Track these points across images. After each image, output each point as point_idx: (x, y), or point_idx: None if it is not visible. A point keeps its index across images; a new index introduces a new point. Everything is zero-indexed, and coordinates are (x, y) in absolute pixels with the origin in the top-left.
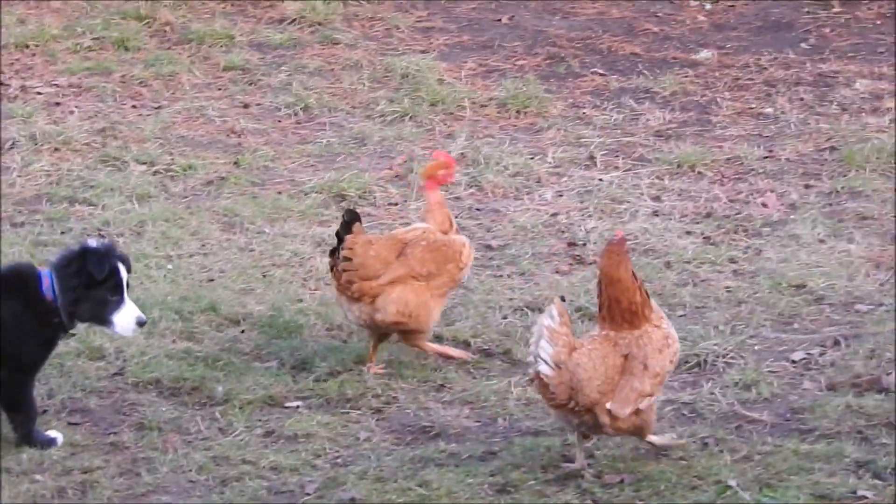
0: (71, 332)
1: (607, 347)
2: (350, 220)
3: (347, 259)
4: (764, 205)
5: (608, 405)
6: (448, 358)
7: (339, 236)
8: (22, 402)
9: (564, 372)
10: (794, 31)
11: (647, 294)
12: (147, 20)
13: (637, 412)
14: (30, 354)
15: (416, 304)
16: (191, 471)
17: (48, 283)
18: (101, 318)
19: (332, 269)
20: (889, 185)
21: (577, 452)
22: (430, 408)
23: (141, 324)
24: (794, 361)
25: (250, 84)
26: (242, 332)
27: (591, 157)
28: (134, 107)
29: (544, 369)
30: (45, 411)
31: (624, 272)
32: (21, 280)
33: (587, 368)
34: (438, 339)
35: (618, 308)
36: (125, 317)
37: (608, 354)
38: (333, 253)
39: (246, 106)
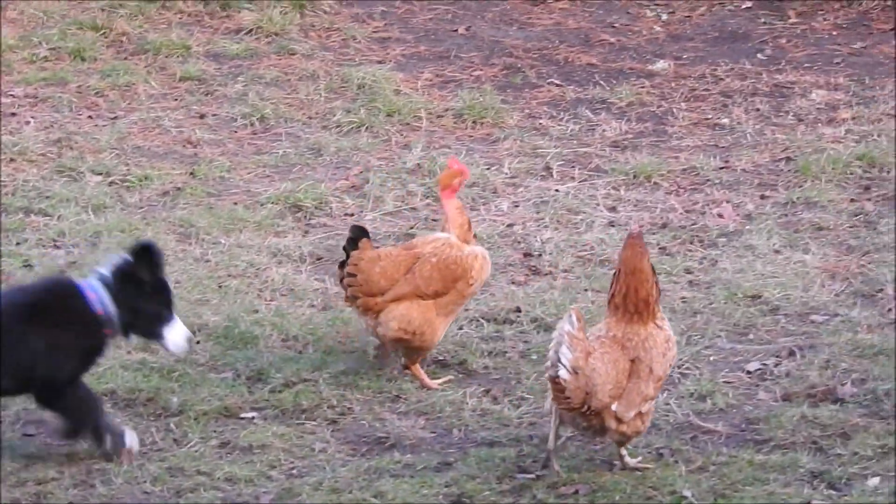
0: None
1: (617, 351)
2: (356, 237)
3: (352, 275)
4: (720, 215)
5: (613, 406)
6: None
7: (347, 251)
8: (73, 403)
9: (581, 377)
10: (751, 41)
11: (659, 291)
12: (103, 30)
13: (640, 415)
14: (74, 369)
15: (420, 322)
16: (146, 482)
17: (95, 295)
18: (154, 331)
19: (340, 281)
20: (844, 195)
21: (552, 435)
22: (386, 418)
23: (189, 341)
24: (749, 372)
25: (206, 94)
26: (198, 342)
27: (548, 168)
28: (90, 117)
29: (563, 374)
30: None
31: (646, 263)
32: (63, 295)
33: (601, 374)
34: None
35: (635, 297)
36: (177, 332)
37: (618, 359)
38: (342, 266)
39: (202, 116)
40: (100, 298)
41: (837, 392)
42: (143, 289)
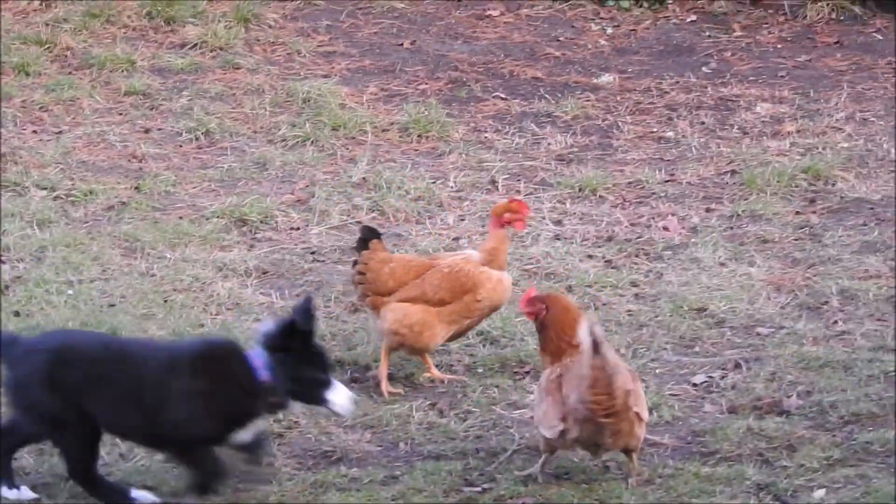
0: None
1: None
2: (366, 237)
3: (362, 273)
4: (665, 228)
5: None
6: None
7: (358, 251)
8: (209, 462)
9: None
10: (696, 55)
11: None
12: (48, 45)
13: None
14: (225, 434)
15: (416, 320)
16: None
17: (261, 363)
18: (318, 397)
19: (353, 279)
20: (790, 208)
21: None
22: (332, 432)
23: (354, 401)
24: (695, 384)
25: (151, 109)
26: None
27: (493, 182)
28: (34, 132)
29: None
30: None
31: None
32: (228, 359)
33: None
34: (340, 363)
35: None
36: (341, 395)
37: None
38: (355, 264)
39: (147, 131)
40: (265, 366)
41: (783, 404)
42: (304, 356)
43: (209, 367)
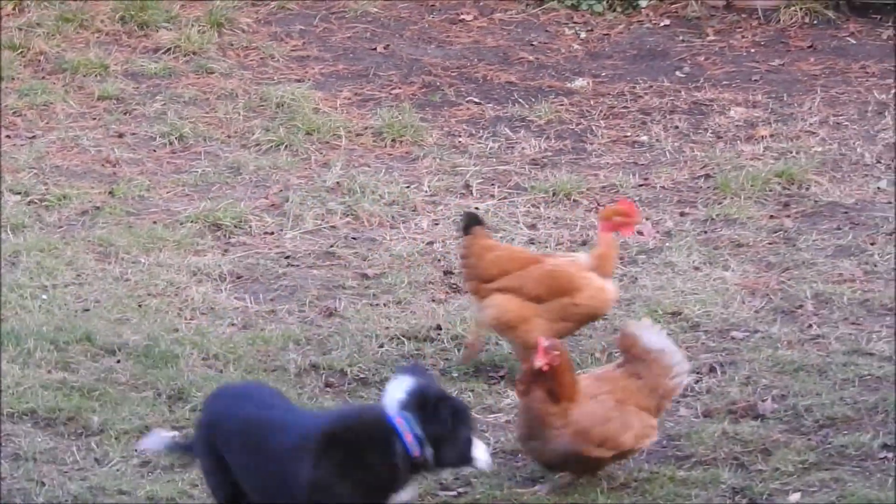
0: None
1: None
2: (468, 224)
3: (464, 258)
4: (639, 233)
5: None
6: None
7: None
8: None
9: None
10: (669, 59)
11: None
12: (21, 49)
13: None
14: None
15: (513, 316)
16: (66, 502)
17: (411, 437)
18: (467, 457)
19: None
20: (764, 212)
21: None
22: None
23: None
24: None
25: (125, 113)
26: (118, 362)
27: (467, 186)
28: (8, 137)
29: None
30: None
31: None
32: (379, 435)
33: None
34: (315, 367)
35: None
36: (481, 450)
37: None
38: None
39: (121, 135)
40: (416, 439)
41: (758, 408)
42: (449, 418)
43: (359, 445)
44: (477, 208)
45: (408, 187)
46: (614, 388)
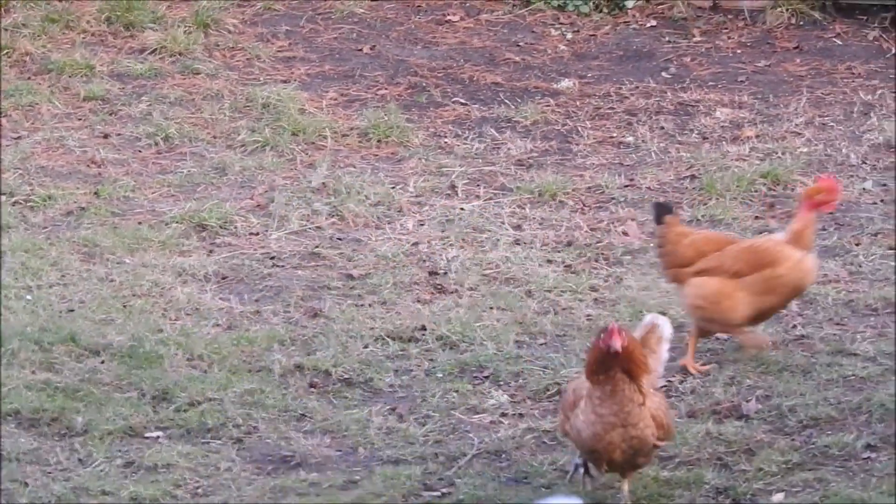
0: None
1: None
2: (660, 213)
3: (660, 247)
4: (625, 233)
5: None
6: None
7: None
8: None
9: None
10: (655, 60)
11: None
12: (7, 50)
13: None
14: None
15: (714, 291)
16: (50, 502)
17: None
18: None
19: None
20: (749, 213)
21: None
22: (291, 437)
23: None
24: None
25: (111, 114)
26: (102, 362)
27: (453, 187)
28: None
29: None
30: None
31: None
32: None
33: None
34: (299, 368)
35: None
36: None
37: None
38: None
39: (106, 136)
40: None
41: (742, 408)
42: None
43: None
44: (463, 209)
45: (393, 188)
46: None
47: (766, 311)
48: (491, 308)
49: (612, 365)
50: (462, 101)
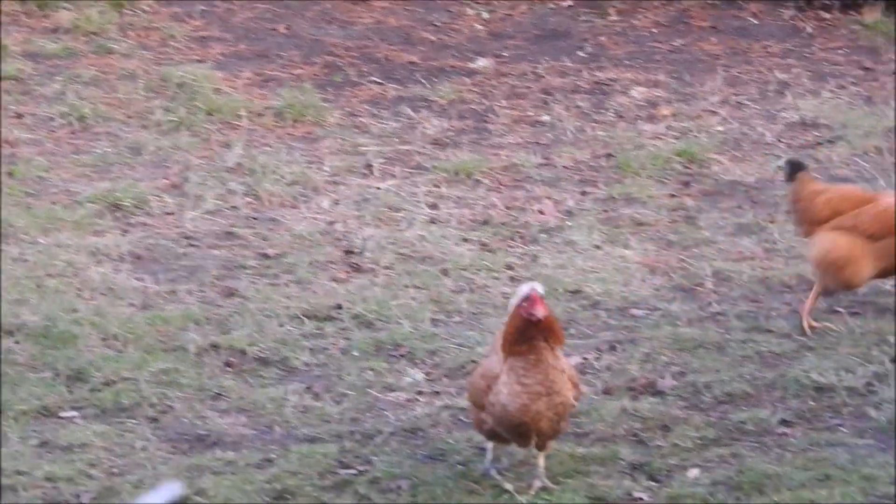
0: None
1: None
2: (792, 171)
3: (794, 203)
4: (540, 212)
5: None
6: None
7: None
8: None
9: None
10: (571, 39)
11: None
12: None
13: None
14: None
15: (841, 254)
16: None
17: None
18: None
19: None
20: (664, 191)
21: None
22: (207, 416)
23: None
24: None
25: (24, 94)
26: (16, 342)
27: (368, 166)
28: None
29: None
30: None
31: None
32: None
33: None
34: (215, 347)
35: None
36: None
37: None
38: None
39: (20, 116)
40: None
41: (657, 385)
42: None
43: None
44: (378, 188)
45: (309, 167)
46: None
47: (881, 275)
48: (407, 286)
49: (535, 334)
50: (378, 80)
